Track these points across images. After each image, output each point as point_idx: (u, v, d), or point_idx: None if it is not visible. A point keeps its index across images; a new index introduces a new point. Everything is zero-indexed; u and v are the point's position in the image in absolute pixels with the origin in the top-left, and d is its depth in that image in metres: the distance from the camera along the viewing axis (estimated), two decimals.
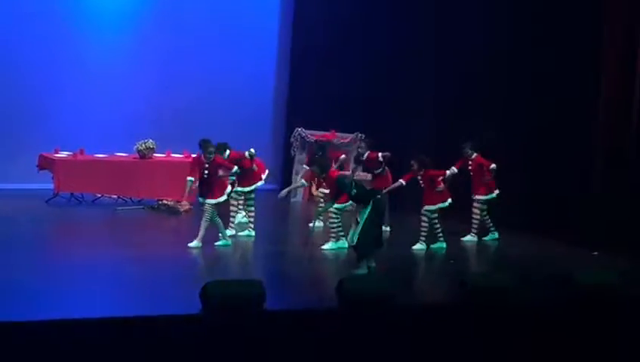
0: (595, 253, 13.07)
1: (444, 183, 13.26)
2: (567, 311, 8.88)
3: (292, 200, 17.43)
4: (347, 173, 14.43)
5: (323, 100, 18.33)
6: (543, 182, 14.93)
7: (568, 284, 9.18)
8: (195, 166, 12.57)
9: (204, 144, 12.49)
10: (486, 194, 13.90)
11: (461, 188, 13.90)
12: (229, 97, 17.75)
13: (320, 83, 18.68)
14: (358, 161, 14.84)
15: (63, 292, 10.02)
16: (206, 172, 12.48)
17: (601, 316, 8.84)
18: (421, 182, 13.29)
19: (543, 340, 8.53)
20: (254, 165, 13.35)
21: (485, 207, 13.98)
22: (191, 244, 12.30)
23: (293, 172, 17.66)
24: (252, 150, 13.33)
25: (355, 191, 11.66)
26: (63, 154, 15.81)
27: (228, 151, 13.21)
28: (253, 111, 18.22)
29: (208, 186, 12.50)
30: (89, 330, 6.84)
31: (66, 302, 9.40)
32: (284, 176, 18.69)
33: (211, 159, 12.46)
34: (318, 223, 13.64)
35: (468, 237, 14.00)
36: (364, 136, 15.52)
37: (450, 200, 13.33)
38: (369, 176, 14.57)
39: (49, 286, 10.14)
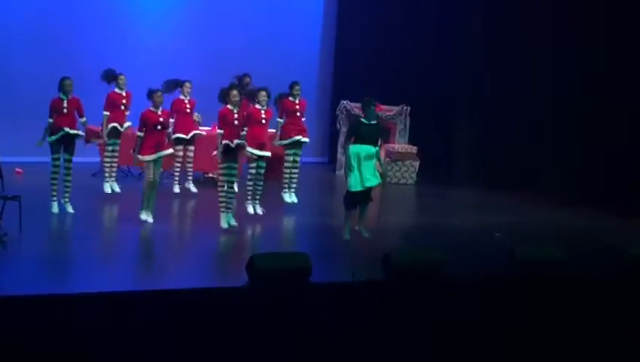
0: None
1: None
2: (619, 284, 8.73)
3: (337, 172, 17.35)
4: None
5: (369, 72, 18.20)
6: (593, 155, 14.76)
7: (619, 257, 9.01)
8: None
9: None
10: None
11: None
12: (274, 70, 17.62)
13: (366, 54, 18.56)
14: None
15: (104, 264, 10.07)
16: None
17: None
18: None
19: (594, 314, 8.39)
20: None
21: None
22: None
23: (339, 144, 17.60)
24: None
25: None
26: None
27: None
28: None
29: None
30: (134, 303, 6.84)
31: (107, 275, 9.43)
32: (330, 149, 18.62)
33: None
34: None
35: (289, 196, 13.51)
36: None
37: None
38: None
39: (93, 259, 10.17)
